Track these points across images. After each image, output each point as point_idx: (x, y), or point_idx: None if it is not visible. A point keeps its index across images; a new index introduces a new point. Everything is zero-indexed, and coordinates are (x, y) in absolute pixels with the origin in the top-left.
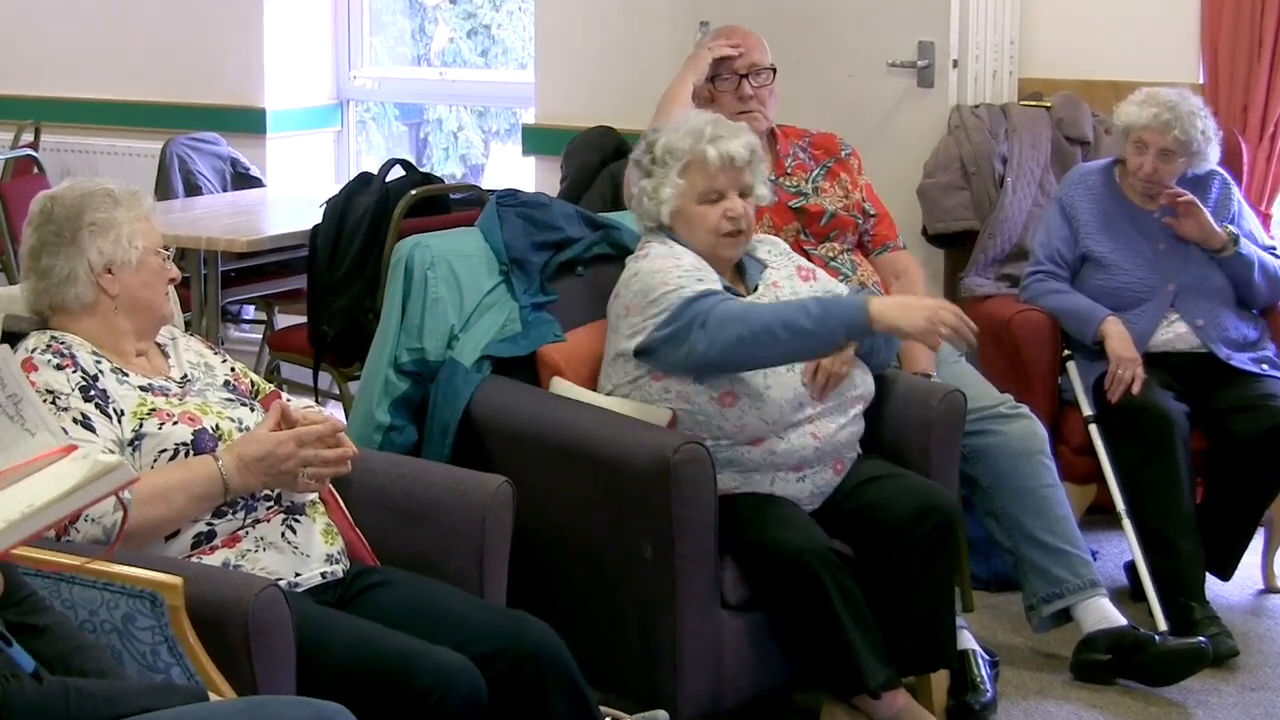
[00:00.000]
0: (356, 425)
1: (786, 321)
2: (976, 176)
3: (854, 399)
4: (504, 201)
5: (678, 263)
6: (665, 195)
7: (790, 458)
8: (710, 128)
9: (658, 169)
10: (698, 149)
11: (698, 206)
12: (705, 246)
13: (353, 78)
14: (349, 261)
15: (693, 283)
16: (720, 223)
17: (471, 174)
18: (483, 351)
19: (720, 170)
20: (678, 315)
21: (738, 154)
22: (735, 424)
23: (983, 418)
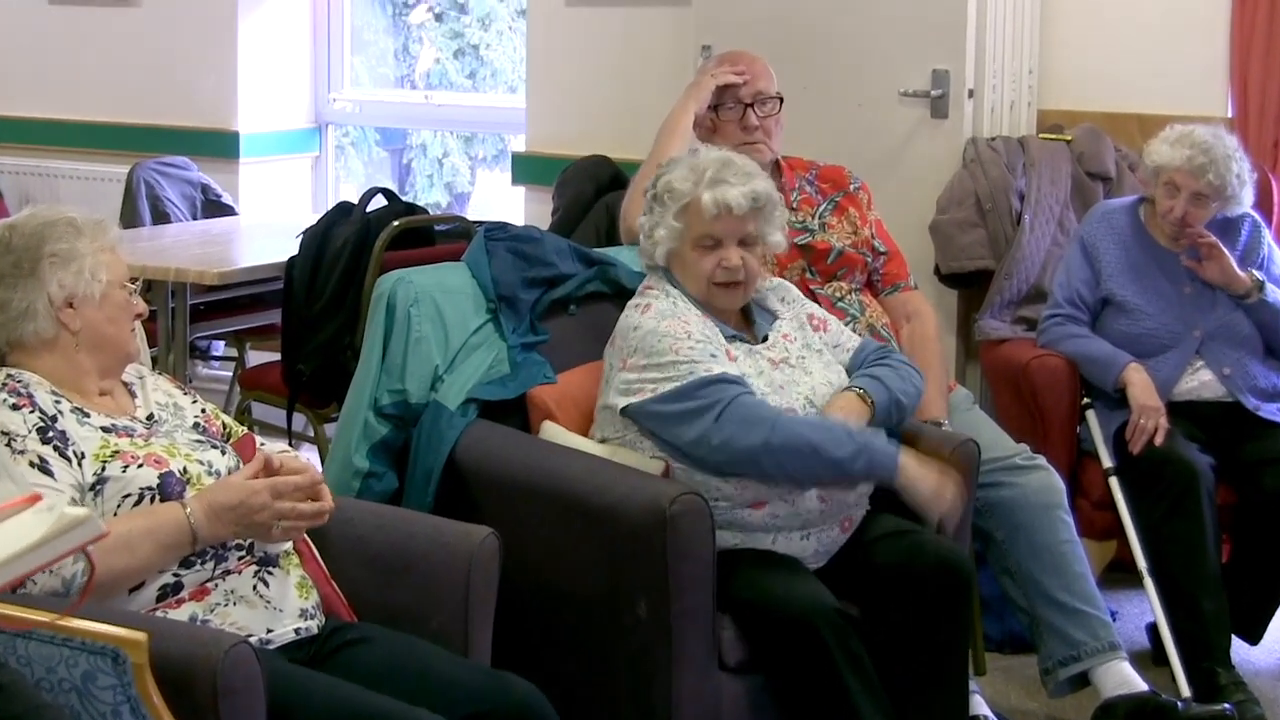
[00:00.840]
0: (333, 471)
1: (819, 446)
2: (992, 213)
3: None
4: (493, 235)
5: (687, 328)
6: (660, 236)
7: (794, 520)
8: (713, 170)
9: (658, 207)
10: (695, 193)
11: (692, 251)
12: (699, 293)
13: (332, 100)
14: (327, 296)
15: (707, 358)
16: (714, 272)
17: (457, 203)
18: (469, 394)
19: (715, 219)
20: (689, 394)
21: (735, 203)
22: (736, 486)
23: (997, 469)
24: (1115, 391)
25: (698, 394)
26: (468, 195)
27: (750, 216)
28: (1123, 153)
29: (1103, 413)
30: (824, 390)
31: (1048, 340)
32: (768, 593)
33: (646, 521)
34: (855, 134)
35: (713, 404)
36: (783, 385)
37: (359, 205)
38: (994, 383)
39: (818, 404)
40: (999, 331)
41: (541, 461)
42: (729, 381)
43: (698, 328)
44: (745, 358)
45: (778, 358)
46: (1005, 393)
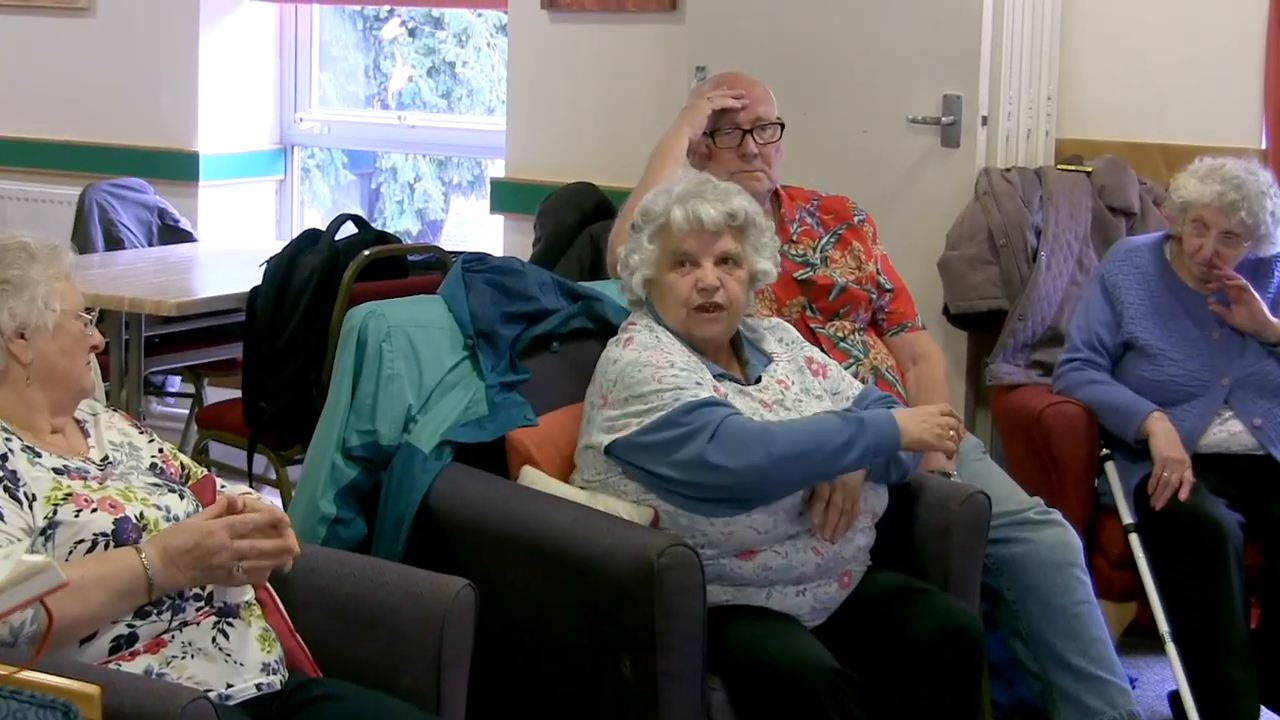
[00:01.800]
0: (298, 516)
1: (819, 443)
2: (1006, 249)
3: (861, 513)
4: (471, 266)
5: (670, 358)
6: (635, 262)
7: (788, 574)
8: (689, 187)
9: (634, 235)
10: (667, 209)
11: (669, 274)
12: (677, 323)
13: (298, 120)
14: (292, 329)
15: (691, 385)
16: (690, 294)
17: (429, 231)
18: (443, 436)
19: (688, 234)
20: (676, 421)
21: (707, 216)
22: (722, 531)
23: (1009, 524)
24: (1137, 442)
25: (685, 419)
26: (441, 223)
27: (727, 233)
28: (1147, 186)
29: (1123, 465)
30: None
31: (1064, 386)
32: (761, 651)
33: (633, 575)
34: (860, 163)
35: (703, 426)
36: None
37: (327, 233)
38: (1006, 431)
39: None
40: (1012, 376)
41: (521, 509)
42: (716, 404)
43: (681, 358)
44: (735, 397)
45: (770, 399)
46: (1018, 442)
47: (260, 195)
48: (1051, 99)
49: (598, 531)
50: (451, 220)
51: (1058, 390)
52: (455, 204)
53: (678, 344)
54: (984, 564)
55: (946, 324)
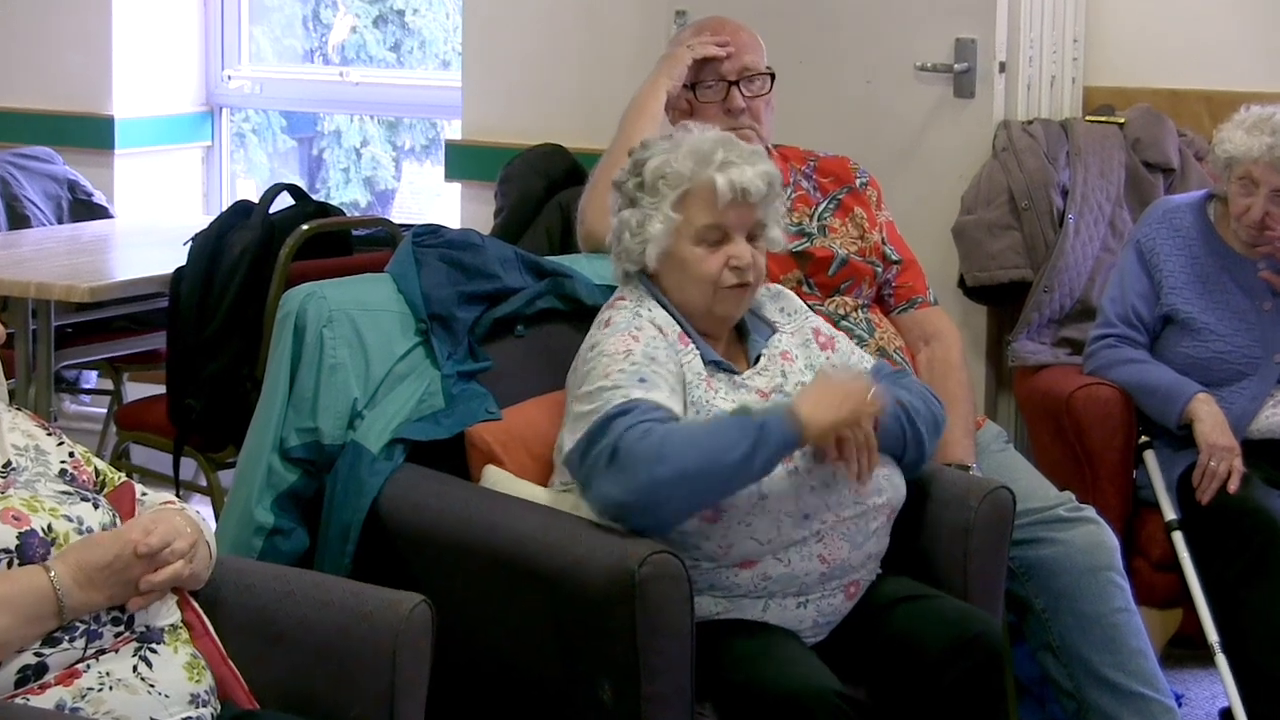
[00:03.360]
0: (230, 527)
1: (712, 459)
2: (1029, 213)
3: (878, 508)
4: (423, 241)
5: (630, 345)
6: (654, 231)
7: (789, 584)
8: (722, 151)
9: (646, 197)
10: (702, 175)
11: (694, 248)
12: (699, 300)
13: (226, 78)
14: (221, 316)
15: (632, 383)
16: (723, 273)
17: (379, 202)
18: (394, 433)
19: (730, 205)
20: (595, 439)
21: (753, 187)
22: (720, 545)
23: (1036, 522)
24: (1179, 428)
25: (600, 439)
26: (392, 193)
27: (762, 204)
28: (1187, 138)
29: (1164, 454)
30: None
31: (1097, 366)
32: (757, 674)
33: (610, 588)
34: (862, 117)
35: (604, 450)
36: None
37: (260, 205)
38: (1031, 418)
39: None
40: (1037, 356)
41: (483, 515)
42: (627, 412)
43: (647, 346)
44: (726, 390)
45: (768, 387)
46: (1045, 430)
47: (185, 164)
48: (1078, 41)
49: (570, 539)
50: (404, 190)
51: (1089, 371)
52: (408, 171)
53: (667, 325)
54: (1009, 569)
55: (963, 298)
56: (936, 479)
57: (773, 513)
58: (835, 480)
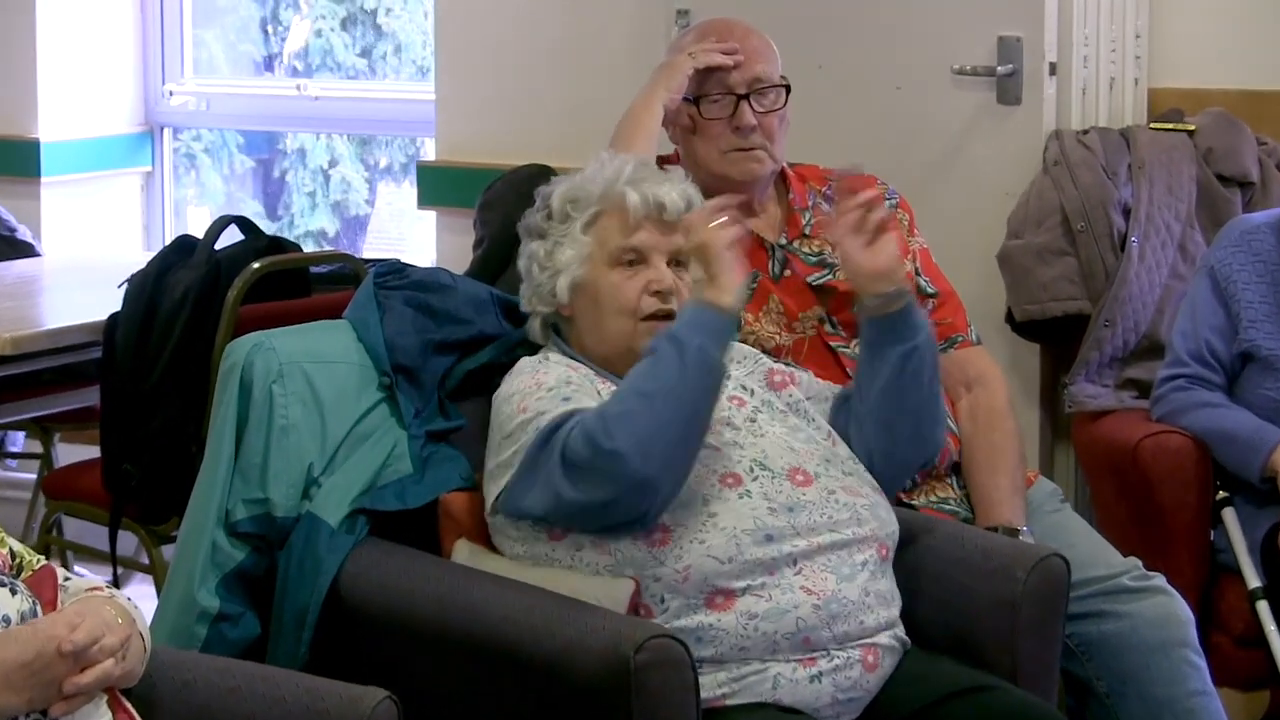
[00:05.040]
0: (169, 613)
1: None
2: (1086, 235)
3: (862, 539)
4: (385, 281)
5: (539, 379)
6: (564, 260)
7: (782, 624)
8: (631, 168)
9: (555, 225)
10: (613, 192)
11: (609, 274)
12: (617, 337)
13: (168, 94)
14: (162, 367)
15: (555, 404)
16: (641, 300)
17: (348, 232)
18: (355, 504)
19: (645, 223)
20: (533, 461)
21: (669, 201)
22: (676, 568)
23: (1097, 593)
24: (1263, 481)
25: (541, 454)
26: (366, 219)
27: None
28: (1268, 147)
29: (1246, 511)
30: (781, 450)
31: (1167, 411)
32: None
33: (604, 677)
34: (891, 129)
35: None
36: (720, 448)
37: (204, 240)
38: (1092, 472)
39: (771, 466)
40: (1098, 400)
41: (457, 595)
42: (559, 426)
43: (559, 375)
44: None
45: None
46: (1108, 486)
47: (121, 193)
48: (1140, 37)
49: (558, 621)
50: (379, 215)
51: (1158, 417)
52: (384, 193)
53: (562, 363)
54: (1066, 647)
55: (1010, 335)
56: (978, 545)
57: (726, 530)
58: (801, 504)
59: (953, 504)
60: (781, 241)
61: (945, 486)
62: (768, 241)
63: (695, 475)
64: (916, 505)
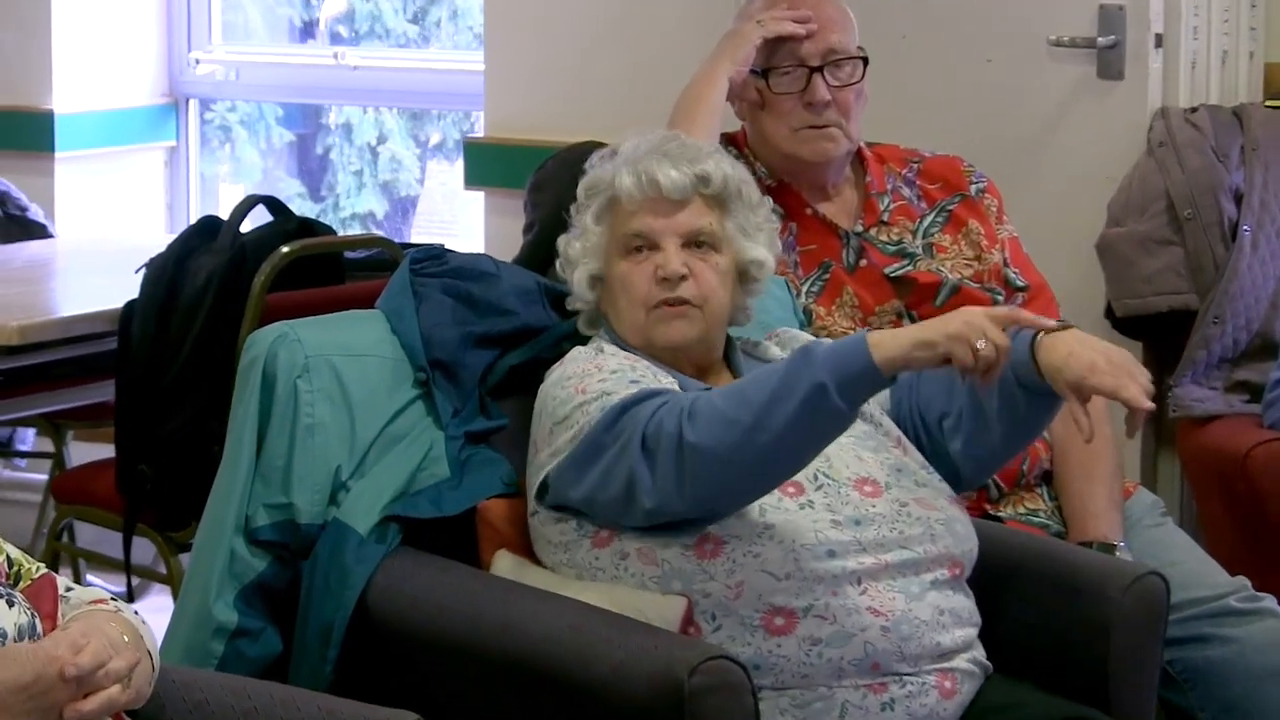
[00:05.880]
0: (184, 628)
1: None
2: (1193, 224)
3: (934, 558)
4: (423, 268)
5: (599, 363)
6: (575, 253)
7: (849, 649)
8: (641, 145)
9: (575, 216)
10: (615, 180)
11: (620, 264)
12: (635, 332)
13: (194, 62)
14: (182, 360)
15: (622, 385)
16: (648, 288)
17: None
18: (386, 510)
19: (646, 205)
20: (597, 442)
21: (667, 180)
22: (727, 582)
23: (1201, 615)
24: None
25: (607, 436)
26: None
27: (697, 204)
28: None
29: None
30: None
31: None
32: None
33: (655, 702)
34: (980, 106)
35: (634, 431)
36: None
37: (229, 222)
38: (1198, 482)
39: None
40: (1205, 405)
41: (495, 611)
42: (649, 396)
43: (619, 362)
44: None
45: None
46: (1215, 498)
47: (143, 170)
48: (1256, 7)
49: (605, 642)
50: (430, 197)
51: (1270, 423)
52: (435, 173)
53: (622, 354)
54: (1165, 674)
55: (1109, 332)
56: (1069, 561)
57: (784, 542)
58: (868, 517)
59: (1043, 517)
60: (857, 229)
61: (1035, 497)
62: (841, 229)
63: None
64: (1003, 518)
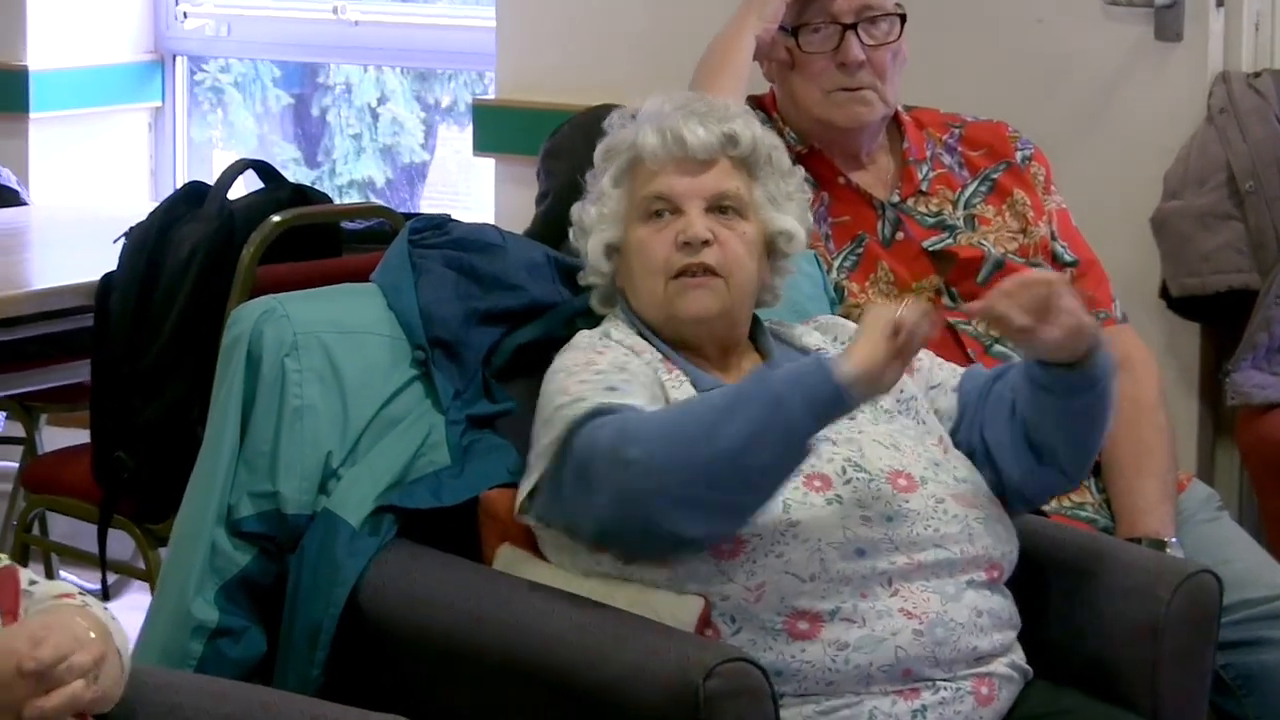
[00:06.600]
0: (161, 626)
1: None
2: (1256, 198)
3: (972, 559)
4: (423, 239)
5: (594, 358)
6: (591, 220)
7: (879, 653)
8: (666, 104)
9: (591, 182)
10: (637, 139)
11: (639, 230)
12: (653, 304)
13: (181, 15)
14: (165, 339)
15: (598, 392)
16: (668, 254)
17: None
18: (380, 501)
19: (669, 164)
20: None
21: (694, 138)
22: (747, 584)
23: (1258, 617)
24: None
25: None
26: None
27: (723, 168)
28: None
29: None
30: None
31: None
32: None
33: (668, 709)
34: (1029, 69)
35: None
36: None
37: (216, 189)
38: (1258, 474)
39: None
40: (1266, 392)
41: (496, 609)
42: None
43: (614, 358)
44: None
45: None
46: (1275, 490)
47: (126, 132)
48: None
49: (615, 643)
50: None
51: None
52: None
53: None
54: (1218, 679)
55: (1165, 313)
56: (1116, 558)
57: (809, 541)
58: (902, 514)
59: (1090, 510)
60: (893, 199)
61: (1082, 490)
62: (876, 199)
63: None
64: (1047, 511)
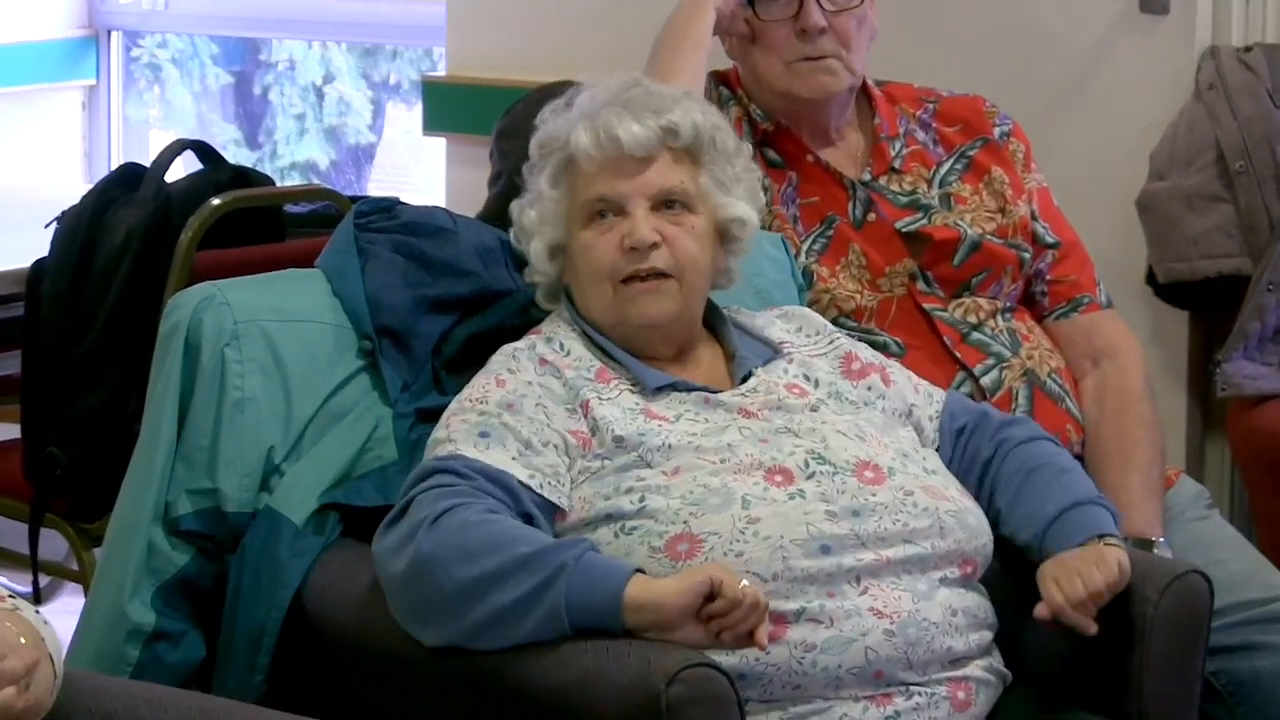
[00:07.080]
0: (95, 630)
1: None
2: (1246, 178)
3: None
4: (369, 222)
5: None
6: (531, 222)
7: (848, 655)
8: (599, 96)
9: (530, 177)
10: (570, 138)
11: (583, 234)
12: (601, 309)
13: None
14: (99, 328)
15: (468, 438)
16: (614, 259)
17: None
18: (325, 498)
19: (607, 166)
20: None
21: (628, 135)
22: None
23: (1248, 621)
24: None
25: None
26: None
27: (664, 162)
28: None
29: None
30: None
31: None
32: None
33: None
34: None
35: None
36: (766, 437)
37: (153, 171)
38: (1249, 470)
39: (833, 459)
40: (1258, 383)
41: None
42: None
43: (512, 391)
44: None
45: (756, 405)
46: (1269, 488)
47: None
48: None
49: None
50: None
51: None
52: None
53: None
54: (1208, 686)
55: (1151, 299)
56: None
57: (770, 539)
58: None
59: None
60: (864, 178)
61: None
62: (847, 178)
63: (733, 470)
64: None
